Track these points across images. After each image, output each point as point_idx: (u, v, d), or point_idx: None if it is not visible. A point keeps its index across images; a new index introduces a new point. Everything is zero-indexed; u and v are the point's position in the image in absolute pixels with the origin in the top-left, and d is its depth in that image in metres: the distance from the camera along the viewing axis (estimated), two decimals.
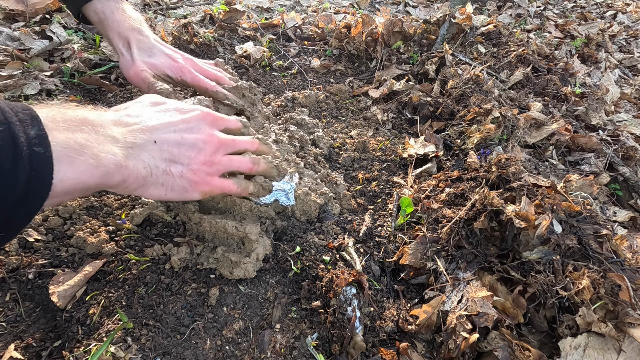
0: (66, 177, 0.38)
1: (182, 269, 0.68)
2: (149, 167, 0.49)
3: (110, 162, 0.43)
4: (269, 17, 2.01)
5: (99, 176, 0.42)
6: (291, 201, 0.78)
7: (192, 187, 0.55)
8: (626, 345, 0.58)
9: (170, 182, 0.52)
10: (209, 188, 0.58)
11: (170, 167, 0.52)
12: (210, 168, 0.57)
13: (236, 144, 0.61)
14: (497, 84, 1.28)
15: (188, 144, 0.53)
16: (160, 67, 0.77)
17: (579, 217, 0.75)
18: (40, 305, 0.63)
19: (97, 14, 0.77)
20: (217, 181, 0.58)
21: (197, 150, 0.54)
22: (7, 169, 0.33)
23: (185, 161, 0.53)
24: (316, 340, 0.63)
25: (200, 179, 0.55)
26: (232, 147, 0.61)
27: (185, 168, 0.53)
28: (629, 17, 2.63)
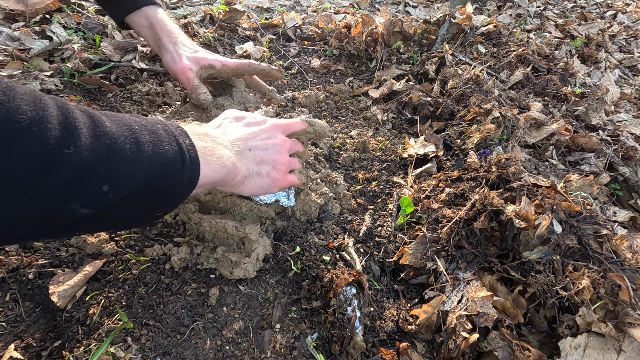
0: (205, 174, 0.50)
1: (182, 269, 0.68)
2: (248, 169, 0.61)
3: (229, 163, 0.55)
4: (269, 17, 2.01)
5: (223, 174, 0.54)
6: (291, 202, 0.78)
7: (274, 184, 0.66)
8: (626, 345, 0.58)
9: (260, 181, 0.64)
10: (284, 183, 0.69)
11: (260, 168, 0.64)
12: (286, 167, 0.68)
13: (297, 145, 0.73)
14: (497, 84, 1.28)
15: (272, 149, 0.65)
16: (204, 59, 0.87)
17: (579, 217, 0.75)
18: (40, 305, 0.63)
19: (148, 18, 0.88)
20: (289, 177, 0.70)
21: (278, 154, 0.66)
22: (179, 168, 0.45)
23: (271, 163, 0.65)
24: (316, 340, 0.63)
25: (280, 176, 0.67)
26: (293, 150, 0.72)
27: (270, 169, 0.65)
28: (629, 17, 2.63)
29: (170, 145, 0.45)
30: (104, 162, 0.37)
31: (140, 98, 1.15)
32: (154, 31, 0.88)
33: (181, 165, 0.46)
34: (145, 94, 1.16)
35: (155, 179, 0.42)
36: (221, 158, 0.54)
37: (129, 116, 0.45)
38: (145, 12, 0.88)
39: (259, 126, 0.66)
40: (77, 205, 0.36)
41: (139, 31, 0.91)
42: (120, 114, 0.45)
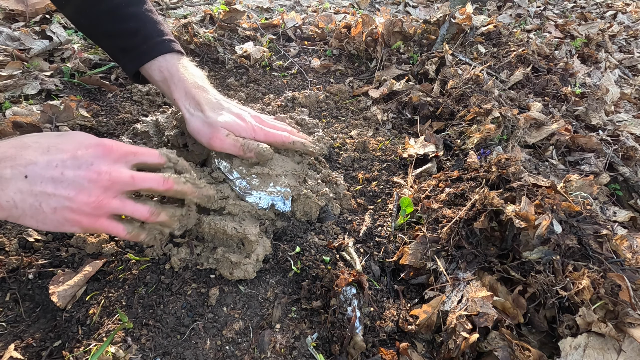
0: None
1: (182, 269, 0.68)
2: (12, 200, 0.47)
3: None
4: (269, 17, 2.01)
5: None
6: (287, 207, 0.78)
7: (71, 224, 0.51)
8: (626, 345, 0.58)
9: (40, 216, 0.49)
10: (93, 227, 0.53)
11: (41, 203, 0.48)
12: (95, 210, 0.52)
13: (135, 181, 0.54)
14: (497, 84, 1.28)
15: (67, 181, 0.49)
16: (235, 130, 0.73)
17: (579, 217, 0.75)
18: (40, 305, 0.63)
19: (161, 72, 0.74)
20: (103, 223, 0.54)
21: (77, 189, 0.49)
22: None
23: (62, 200, 0.49)
24: (316, 340, 0.63)
25: (80, 218, 0.51)
26: (130, 186, 0.54)
27: (61, 206, 0.49)
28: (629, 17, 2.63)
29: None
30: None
31: (140, 98, 1.15)
32: (168, 87, 0.74)
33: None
34: (145, 94, 1.16)
35: None
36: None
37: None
38: (158, 63, 0.73)
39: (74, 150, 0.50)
40: None
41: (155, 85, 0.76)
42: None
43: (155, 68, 0.74)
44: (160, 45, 0.74)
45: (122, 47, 0.75)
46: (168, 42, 0.75)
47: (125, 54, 0.75)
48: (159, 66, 0.74)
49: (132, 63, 0.75)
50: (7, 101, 0.99)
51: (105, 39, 0.77)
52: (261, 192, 0.75)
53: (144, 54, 0.74)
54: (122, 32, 0.74)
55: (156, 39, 0.74)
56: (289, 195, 0.77)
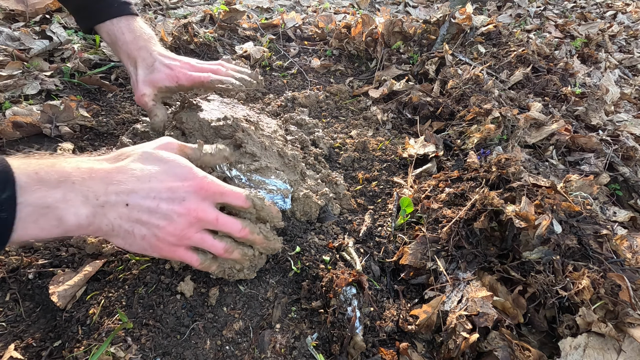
0: (25, 233, 0.43)
1: (182, 269, 0.68)
2: (111, 224, 0.50)
3: (72, 223, 0.46)
4: (269, 17, 2.01)
5: (57, 234, 0.46)
6: (287, 205, 0.77)
7: (152, 249, 0.54)
8: (626, 345, 0.58)
9: (130, 240, 0.52)
10: (170, 255, 0.56)
11: (134, 229, 0.51)
12: (178, 241, 0.55)
13: (219, 223, 0.57)
14: (497, 84, 1.28)
15: (161, 213, 0.52)
16: (158, 82, 0.77)
17: (579, 217, 0.75)
18: (40, 305, 0.63)
19: (108, 35, 0.78)
20: (180, 252, 0.57)
21: (167, 221, 0.53)
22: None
23: (152, 229, 0.52)
24: (316, 340, 0.63)
25: (163, 246, 0.54)
26: (212, 225, 0.57)
27: (150, 234, 0.52)
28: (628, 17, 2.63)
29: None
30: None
31: None
32: (115, 49, 0.80)
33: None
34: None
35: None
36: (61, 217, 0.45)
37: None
38: (106, 27, 0.77)
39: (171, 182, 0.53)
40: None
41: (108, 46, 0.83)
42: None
43: (104, 31, 0.78)
44: (109, 9, 0.77)
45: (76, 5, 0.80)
46: (118, 6, 0.78)
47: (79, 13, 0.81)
48: (106, 30, 0.78)
49: (84, 23, 0.80)
50: (7, 101, 0.99)
51: None
52: (261, 190, 0.75)
53: (94, 16, 0.78)
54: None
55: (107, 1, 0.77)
56: (288, 193, 0.77)
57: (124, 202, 0.50)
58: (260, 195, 0.62)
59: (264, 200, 0.62)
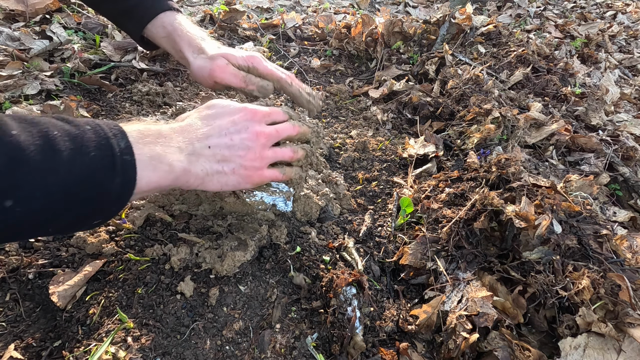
0: (149, 180, 0.48)
1: (182, 269, 0.68)
2: (205, 169, 0.57)
3: (179, 168, 0.53)
4: (269, 17, 2.01)
5: (171, 179, 0.52)
6: (289, 207, 0.78)
7: (245, 180, 0.62)
8: (626, 345, 0.58)
9: (224, 179, 0.60)
10: (260, 179, 0.64)
11: (223, 167, 0.59)
12: (260, 162, 0.63)
13: (279, 133, 0.66)
14: (497, 84, 1.28)
15: (237, 145, 0.60)
16: (233, 57, 0.78)
17: (579, 217, 0.75)
18: (40, 305, 0.63)
19: (165, 27, 0.80)
20: (266, 172, 0.64)
21: (246, 149, 0.60)
22: (108, 175, 0.43)
23: (237, 160, 0.60)
24: (316, 340, 0.63)
25: (251, 172, 0.62)
26: (276, 137, 0.65)
27: (237, 166, 0.60)
28: (628, 18, 2.63)
29: (99, 151, 0.43)
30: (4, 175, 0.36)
31: (140, 98, 1.15)
32: (173, 41, 0.80)
33: (111, 171, 0.43)
34: (146, 94, 1.16)
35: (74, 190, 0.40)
36: (170, 164, 0.51)
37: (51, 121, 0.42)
38: (161, 20, 0.79)
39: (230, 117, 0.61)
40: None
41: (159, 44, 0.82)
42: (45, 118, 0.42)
43: (159, 25, 0.80)
44: (159, 4, 0.80)
45: (124, 9, 0.80)
46: (165, 1, 0.81)
47: (129, 16, 0.81)
48: (162, 23, 0.80)
49: (137, 23, 0.81)
50: (7, 101, 0.99)
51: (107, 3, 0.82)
52: (263, 192, 0.75)
53: (146, 13, 0.79)
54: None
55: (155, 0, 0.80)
56: (290, 195, 0.77)
57: (206, 146, 0.57)
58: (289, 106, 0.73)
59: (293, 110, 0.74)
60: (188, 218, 0.77)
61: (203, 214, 0.77)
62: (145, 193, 0.50)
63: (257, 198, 0.74)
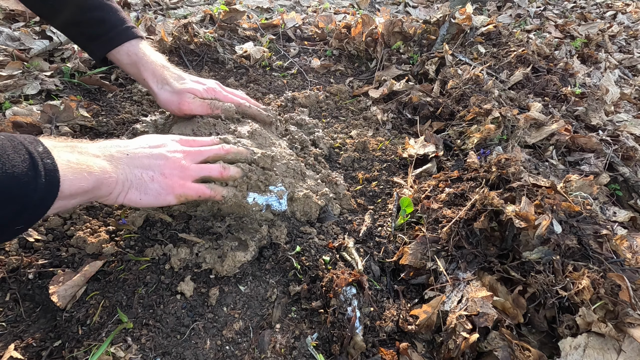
0: (71, 184, 0.48)
1: (182, 269, 0.68)
2: (124, 174, 0.58)
3: (99, 170, 0.53)
4: (269, 18, 2.01)
5: (93, 181, 0.52)
6: (283, 206, 0.78)
7: (166, 191, 0.62)
8: (626, 345, 0.58)
9: (143, 186, 0.60)
10: (183, 191, 0.64)
11: (142, 173, 0.60)
12: (182, 173, 0.64)
13: (202, 152, 0.69)
14: (497, 84, 1.28)
15: (156, 154, 0.62)
16: (198, 92, 0.84)
17: (579, 217, 0.75)
18: (40, 305, 0.63)
19: (129, 56, 0.83)
20: (190, 185, 0.65)
21: (165, 159, 0.63)
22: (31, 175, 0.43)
23: (156, 168, 0.61)
24: (316, 340, 0.63)
25: (173, 182, 0.62)
26: (198, 155, 0.68)
27: (157, 173, 0.61)
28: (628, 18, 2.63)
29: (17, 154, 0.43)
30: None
31: (140, 98, 1.15)
32: (137, 69, 0.83)
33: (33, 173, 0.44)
34: (145, 94, 1.16)
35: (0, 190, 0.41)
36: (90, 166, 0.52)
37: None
38: (126, 48, 0.82)
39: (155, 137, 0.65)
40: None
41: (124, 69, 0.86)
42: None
43: (123, 53, 0.83)
44: (125, 33, 0.83)
45: (90, 34, 0.82)
46: (131, 29, 0.84)
47: (93, 41, 0.83)
48: (126, 51, 0.82)
49: (101, 49, 0.83)
50: (7, 101, 0.99)
51: (72, 27, 0.83)
52: (255, 193, 0.75)
53: (112, 40, 0.82)
54: (89, 21, 0.81)
55: (121, 27, 0.82)
56: (283, 194, 0.77)
57: (124, 153, 0.59)
58: None
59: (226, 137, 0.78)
60: (187, 218, 0.77)
61: (202, 214, 0.77)
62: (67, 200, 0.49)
63: (249, 199, 0.74)
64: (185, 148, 0.67)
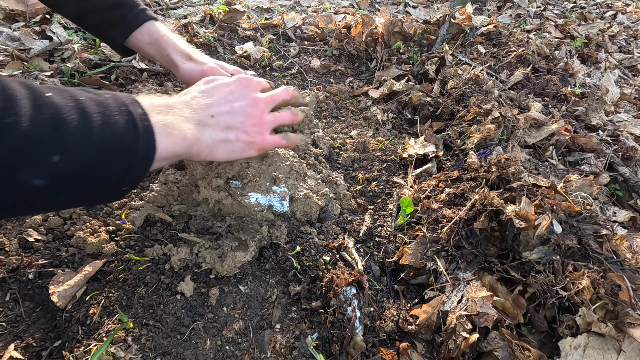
0: (166, 146, 0.50)
1: (182, 269, 0.68)
2: (212, 137, 0.60)
3: (190, 135, 0.55)
4: (269, 18, 2.01)
5: (185, 147, 0.54)
6: (285, 207, 0.77)
7: (249, 146, 0.65)
8: (626, 345, 0.58)
9: (230, 146, 0.63)
10: (262, 144, 0.67)
11: (227, 134, 0.62)
12: (261, 127, 0.66)
13: (274, 98, 0.70)
14: (497, 84, 1.28)
15: (237, 111, 0.63)
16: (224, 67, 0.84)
17: (579, 217, 0.75)
18: (40, 305, 0.63)
19: (151, 35, 0.83)
20: (269, 138, 0.68)
21: (245, 115, 0.64)
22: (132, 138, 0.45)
23: (239, 126, 0.63)
24: (316, 340, 0.63)
25: (254, 138, 0.65)
26: (272, 102, 0.69)
27: (240, 132, 0.63)
28: (628, 18, 2.63)
29: (121, 115, 0.45)
30: (50, 132, 0.38)
31: None
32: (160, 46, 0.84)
33: (134, 134, 0.46)
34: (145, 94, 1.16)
35: (108, 148, 0.43)
36: (182, 131, 0.53)
37: (75, 89, 0.45)
38: (147, 28, 0.83)
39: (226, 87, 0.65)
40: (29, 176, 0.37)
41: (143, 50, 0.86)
42: (67, 87, 0.45)
43: (144, 32, 0.83)
44: (143, 13, 0.83)
45: (109, 19, 0.83)
46: (147, 11, 0.85)
47: (114, 26, 0.83)
48: (148, 31, 0.83)
49: (123, 32, 0.83)
50: None
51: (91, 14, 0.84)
52: (258, 194, 0.74)
53: (132, 22, 0.82)
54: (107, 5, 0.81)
55: (138, 8, 0.83)
56: (285, 195, 0.77)
57: (209, 115, 0.60)
58: None
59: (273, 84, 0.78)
60: (188, 218, 0.77)
61: (202, 214, 0.77)
62: (162, 162, 0.52)
63: (252, 200, 0.74)
64: (261, 95, 0.67)
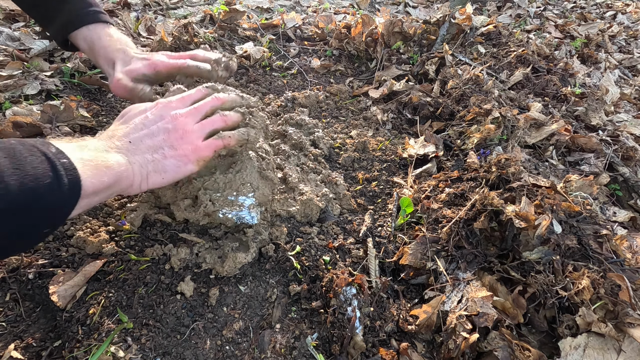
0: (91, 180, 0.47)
1: (182, 269, 0.68)
2: (137, 162, 0.56)
3: (114, 164, 0.52)
4: (269, 18, 2.01)
5: (112, 175, 0.51)
6: (255, 220, 0.72)
7: (184, 161, 0.60)
8: (626, 345, 0.58)
9: (160, 166, 0.58)
10: (198, 155, 0.62)
11: (153, 155, 0.58)
12: (189, 139, 0.61)
13: (198, 109, 0.65)
14: (497, 84, 1.28)
15: (156, 132, 0.59)
16: (136, 70, 0.79)
17: (578, 217, 0.75)
18: (40, 305, 0.63)
19: (85, 41, 0.80)
20: (201, 146, 0.62)
21: (166, 132, 0.60)
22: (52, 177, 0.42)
23: (162, 144, 0.59)
24: (316, 340, 0.63)
25: (184, 151, 0.60)
26: (197, 114, 0.64)
27: (166, 149, 0.59)
28: (628, 18, 2.63)
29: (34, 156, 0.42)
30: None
31: None
32: (93, 55, 0.81)
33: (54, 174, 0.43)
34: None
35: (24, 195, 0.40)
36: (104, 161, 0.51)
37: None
38: (82, 33, 0.80)
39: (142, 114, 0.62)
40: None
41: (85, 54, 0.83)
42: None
43: (80, 37, 0.80)
44: (85, 17, 0.80)
45: (49, 17, 0.80)
46: (93, 14, 0.81)
47: (52, 24, 0.81)
48: (83, 36, 0.80)
49: (59, 32, 0.81)
50: (7, 101, 0.99)
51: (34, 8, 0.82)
52: (225, 208, 0.69)
53: (70, 24, 0.79)
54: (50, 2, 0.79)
55: (82, 11, 0.80)
56: (254, 206, 0.71)
57: (127, 142, 0.57)
58: None
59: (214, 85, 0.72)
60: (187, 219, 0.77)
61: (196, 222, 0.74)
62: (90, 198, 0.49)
63: (220, 215, 0.69)
64: (180, 111, 0.63)
